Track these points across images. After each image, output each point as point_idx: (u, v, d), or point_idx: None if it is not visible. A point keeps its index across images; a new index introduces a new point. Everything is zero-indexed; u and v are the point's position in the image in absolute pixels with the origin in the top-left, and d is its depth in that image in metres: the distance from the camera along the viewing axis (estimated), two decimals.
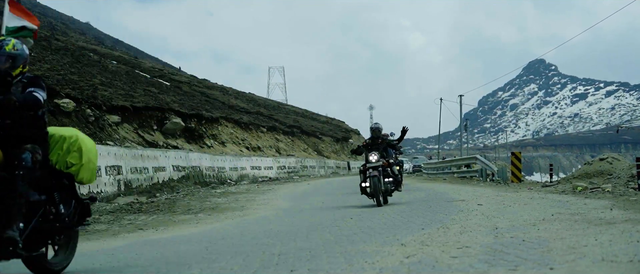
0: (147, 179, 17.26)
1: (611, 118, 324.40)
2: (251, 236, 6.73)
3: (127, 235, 7.78)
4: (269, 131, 43.57)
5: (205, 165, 23.33)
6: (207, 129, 32.51)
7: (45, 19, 64.28)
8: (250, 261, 4.74)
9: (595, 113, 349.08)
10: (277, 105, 72.26)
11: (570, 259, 3.95)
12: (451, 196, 12.44)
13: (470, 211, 8.56)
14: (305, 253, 5.00)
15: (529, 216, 7.28)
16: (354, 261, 4.40)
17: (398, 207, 10.14)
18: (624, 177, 14.38)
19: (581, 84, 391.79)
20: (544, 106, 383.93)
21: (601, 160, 18.68)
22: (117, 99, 26.55)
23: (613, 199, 9.46)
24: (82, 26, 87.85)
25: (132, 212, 10.97)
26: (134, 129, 25.64)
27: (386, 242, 5.42)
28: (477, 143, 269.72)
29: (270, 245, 5.71)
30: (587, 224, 5.96)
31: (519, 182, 18.93)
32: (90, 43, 56.04)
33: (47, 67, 27.06)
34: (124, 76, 35.52)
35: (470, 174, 24.35)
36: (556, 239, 4.92)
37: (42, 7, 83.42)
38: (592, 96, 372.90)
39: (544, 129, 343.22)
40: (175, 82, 44.47)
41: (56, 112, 19.93)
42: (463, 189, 15.78)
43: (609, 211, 7.42)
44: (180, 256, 5.28)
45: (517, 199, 10.44)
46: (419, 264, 4.12)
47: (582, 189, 12.45)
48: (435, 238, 5.49)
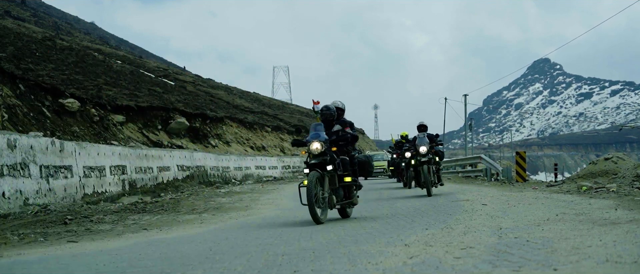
0: (151, 179, 17.30)
1: (616, 117, 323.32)
2: (255, 236, 6.73)
3: (131, 235, 7.79)
4: (274, 131, 43.58)
5: (209, 165, 23.35)
6: (212, 128, 32.54)
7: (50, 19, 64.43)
8: (253, 262, 4.74)
9: (600, 112, 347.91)
10: (281, 104, 72.26)
11: (574, 260, 3.94)
12: (455, 196, 12.42)
13: (475, 211, 8.55)
14: (309, 254, 5.00)
15: (533, 216, 7.26)
16: (357, 262, 4.39)
17: (401, 207, 10.12)
18: (629, 177, 14.31)
19: (586, 83, 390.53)
20: (549, 105, 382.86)
21: (606, 159, 18.59)
22: (121, 98, 26.59)
23: (618, 199, 9.42)
24: (87, 26, 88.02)
25: (136, 212, 10.99)
26: (139, 128, 25.68)
27: (390, 242, 5.41)
28: (482, 142, 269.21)
29: (274, 245, 5.71)
30: (591, 225, 5.94)
31: (524, 181, 18.89)
32: (95, 43, 56.15)
33: (52, 67, 27.13)
34: (128, 76, 35.57)
35: (475, 174, 24.31)
36: (560, 240, 4.90)
37: (47, 7, 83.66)
38: (597, 95, 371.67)
39: (549, 129, 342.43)
40: (179, 81, 44.50)
41: (61, 112, 19.98)
42: (467, 188, 15.75)
43: (613, 211, 7.40)
44: (184, 257, 5.28)
45: (521, 199, 10.41)
46: (422, 265, 4.11)
47: (586, 188, 12.41)
48: (439, 239, 5.48)
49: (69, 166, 12.31)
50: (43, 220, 9.21)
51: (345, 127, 8.70)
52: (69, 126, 19.73)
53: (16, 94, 17.99)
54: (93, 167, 13.50)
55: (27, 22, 51.36)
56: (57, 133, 17.58)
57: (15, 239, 7.50)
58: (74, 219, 9.37)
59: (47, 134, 16.02)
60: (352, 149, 8.72)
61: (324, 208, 7.91)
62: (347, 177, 8.26)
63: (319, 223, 7.56)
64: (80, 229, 8.46)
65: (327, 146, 8.01)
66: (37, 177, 10.89)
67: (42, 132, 14.90)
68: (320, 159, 7.90)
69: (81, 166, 12.88)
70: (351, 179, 8.30)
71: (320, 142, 7.93)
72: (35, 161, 10.87)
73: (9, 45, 27.15)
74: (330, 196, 8.02)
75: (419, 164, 13.10)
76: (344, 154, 8.43)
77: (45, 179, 11.19)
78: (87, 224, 9.01)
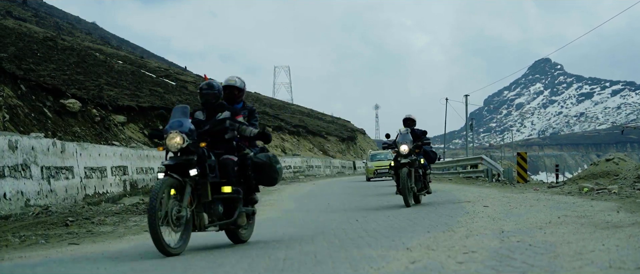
0: (153, 179, 17.29)
1: (617, 117, 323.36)
2: (256, 239, 6.72)
3: (132, 237, 7.78)
4: (275, 131, 43.59)
5: None
6: None
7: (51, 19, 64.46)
8: (255, 266, 4.73)
9: (601, 112, 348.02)
10: (282, 105, 72.28)
11: (577, 265, 3.93)
12: (457, 197, 12.41)
13: (476, 213, 8.54)
14: (311, 258, 5.00)
15: (535, 218, 7.25)
16: (359, 267, 4.38)
17: (403, 208, 10.09)
18: (630, 178, 14.29)
19: (587, 83, 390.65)
20: (549, 105, 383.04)
21: (607, 161, 18.58)
22: (122, 99, 26.59)
23: (619, 201, 9.41)
24: (88, 26, 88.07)
25: (137, 213, 10.99)
26: (140, 129, 25.69)
27: (392, 246, 5.40)
28: (483, 142, 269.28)
29: (276, 249, 5.70)
30: (593, 228, 5.93)
31: (525, 182, 18.89)
32: (96, 43, 56.17)
33: (53, 67, 27.12)
34: (129, 76, 35.59)
35: (476, 174, 24.31)
36: (563, 244, 4.89)
37: (48, 7, 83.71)
38: (598, 95, 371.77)
39: (549, 129, 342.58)
40: (180, 82, 44.52)
41: (62, 113, 19.99)
42: (469, 189, 15.75)
43: (615, 213, 7.38)
44: (185, 261, 5.27)
45: (523, 201, 10.40)
46: (424, 270, 4.10)
47: (588, 190, 12.40)
48: (441, 242, 5.47)
49: (70, 167, 12.31)
50: (44, 221, 9.20)
51: (238, 116, 6.31)
52: (70, 126, 19.73)
53: (17, 95, 18.00)
54: (94, 168, 13.49)
55: (28, 22, 51.39)
56: (58, 134, 17.58)
57: (16, 241, 7.50)
58: (75, 221, 9.36)
59: (48, 134, 16.02)
60: (246, 146, 6.45)
61: (183, 231, 5.56)
62: (226, 187, 5.90)
63: (168, 254, 5.31)
64: (82, 231, 8.45)
65: (193, 139, 5.64)
66: (38, 178, 10.89)
67: (43, 133, 14.90)
68: (180, 159, 5.59)
69: (82, 167, 12.87)
70: (232, 189, 5.94)
71: (180, 135, 5.58)
72: (36, 162, 10.87)
73: (10, 45, 27.16)
74: (197, 214, 5.71)
75: (399, 166, 10.60)
76: (231, 152, 6.16)
77: (47, 180, 11.19)
78: (89, 226, 9.01)
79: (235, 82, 6.60)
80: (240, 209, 6.12)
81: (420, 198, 11.24)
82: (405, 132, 11.06)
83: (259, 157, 6.37)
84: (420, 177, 11.07)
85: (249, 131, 6.20)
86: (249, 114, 6.54)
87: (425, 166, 11.42)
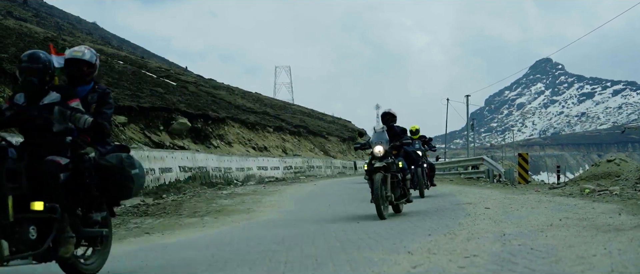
0: (153, 180, 17.29)
1: (618, 117, 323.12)
2: (257, 241, 6.71)
3: (133, 240, 7.78)
4: (276, 131, 43.58)
5: (211, 166, 23.33)
6: (214, 129, 32.54)
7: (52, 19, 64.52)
8: (256, 270, 4.73)
9: (602, 112, 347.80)
10: (283, 105, 72.27)
11: (579, 270, 3.91)
12: (458, 198, 12.39)
13: (478, 215, 8.52)
14: (312, 261, 4.98)
15: (536, 221, 7.23)
16: (360, 270, 4.37)
17: (404, 209, 10.07)
18: (631, 179, 14.27)
19: (588, 83, 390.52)
20: (550, 105, 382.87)
21: (609, 161, 18.57)
22: (123, 99, 26.57)
23: (621, 203, 9.38)
24: (88, 26, 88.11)
25: (138, 215, 10.99)
26: (141, 129, 25.68)
27: (393, 249, 5.39)
28: (484, 142, 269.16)
29: (277, 252, 5.68)
30: (595, 231, 5.91)
31: (526, 183, 18.86)
32: (97, 43, 56.18)
33: None
34: (130, 76, 35.58)
35: (477, 175, 24.28)
36: (564, 248, 4.88)
37: (49, 7, 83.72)
38: (599, 95, 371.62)
39: (550, 128, 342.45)
40: (181, 82, 44.51)
41: None
42: (470, 190, 15.72)
43: (617, 215, 7.36)
44: (186, 264, 5.27)
45: (524, 203, 10.38)
46: None
47: (589, 191, 12.37)
48: (442, 245, 5.45)
49: None
50: None
51: (71, 100, 4.63)
52: None
53: None
54: None
55: (29, 23, 51.40)
56: None
57: None
58: None
59: None
60: (85, 144, 4.68)
61: None
62: (36, 203, 4.19)
63: None
64: None
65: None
66: None
67: None
68: None
69: None
70: (45, 205, 4.22)
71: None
72: None
73: (11, 45, 27.15)
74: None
75: (373, 171, 8.96)
76: (60, 152, 4.49)
77: None
78: None
79: (82, 54, 5.05)
80: (67, 233, 4.37)
81: (400, 207, 9.61)
82: (380, 130, 9.59)
83: (108, 158, 4.79)
84: (399, 183, 9.43)
85: (83, 121, 4.52)
86: (98, 99, 4.97)
87: (405, 169, 9.76)
